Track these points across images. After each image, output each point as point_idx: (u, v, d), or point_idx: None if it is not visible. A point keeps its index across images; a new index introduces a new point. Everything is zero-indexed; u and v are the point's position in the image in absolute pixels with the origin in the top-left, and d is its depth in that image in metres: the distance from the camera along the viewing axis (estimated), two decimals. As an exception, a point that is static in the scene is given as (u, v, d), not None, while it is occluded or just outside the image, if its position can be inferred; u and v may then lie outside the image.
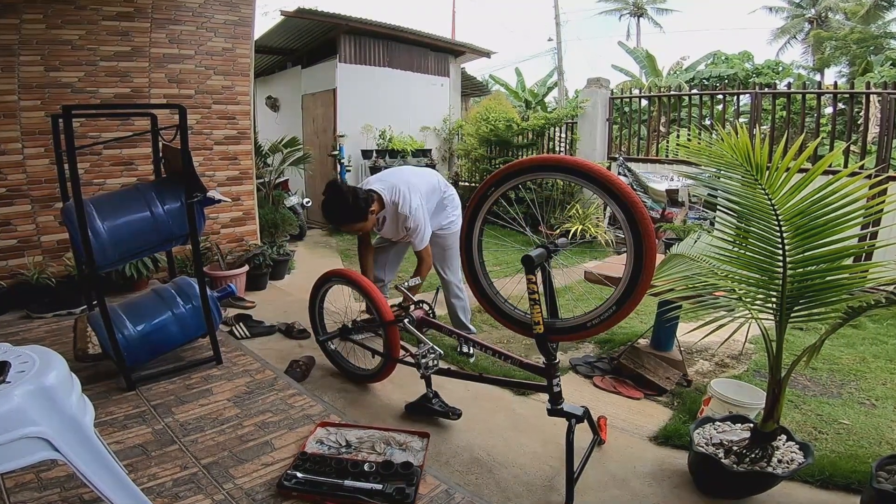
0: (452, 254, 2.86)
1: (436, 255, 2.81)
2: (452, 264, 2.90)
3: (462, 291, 2.89)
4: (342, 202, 2.33)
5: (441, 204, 2.76)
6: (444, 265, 2.90)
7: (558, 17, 15.84)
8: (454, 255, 2.86)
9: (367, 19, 6.95)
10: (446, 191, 2.80)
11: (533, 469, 1.85)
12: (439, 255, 2.84)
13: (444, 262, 2.89)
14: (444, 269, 2.90)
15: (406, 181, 2.53)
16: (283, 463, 1.69)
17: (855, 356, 2.86)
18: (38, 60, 3.21)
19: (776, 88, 5.46)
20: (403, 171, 2.74)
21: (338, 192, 2.35)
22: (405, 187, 2.49)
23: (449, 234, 2.82)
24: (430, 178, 2.75)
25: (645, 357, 2.59)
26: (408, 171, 2.73)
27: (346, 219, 2.39)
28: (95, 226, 2.07)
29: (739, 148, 1.58)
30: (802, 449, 1.72)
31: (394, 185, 2.50)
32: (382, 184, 2.51)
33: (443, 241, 2.83)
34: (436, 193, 2.71)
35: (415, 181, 2.57)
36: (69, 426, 1.08)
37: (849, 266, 1.59)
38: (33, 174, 3.27)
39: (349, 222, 2.41)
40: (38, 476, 1.55)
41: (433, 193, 2.69)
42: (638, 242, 1.51)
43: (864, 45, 12.54)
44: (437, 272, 2.90)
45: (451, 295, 2.92)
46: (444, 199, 2.77)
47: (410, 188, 2.50)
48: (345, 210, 2.34)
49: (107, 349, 2.15)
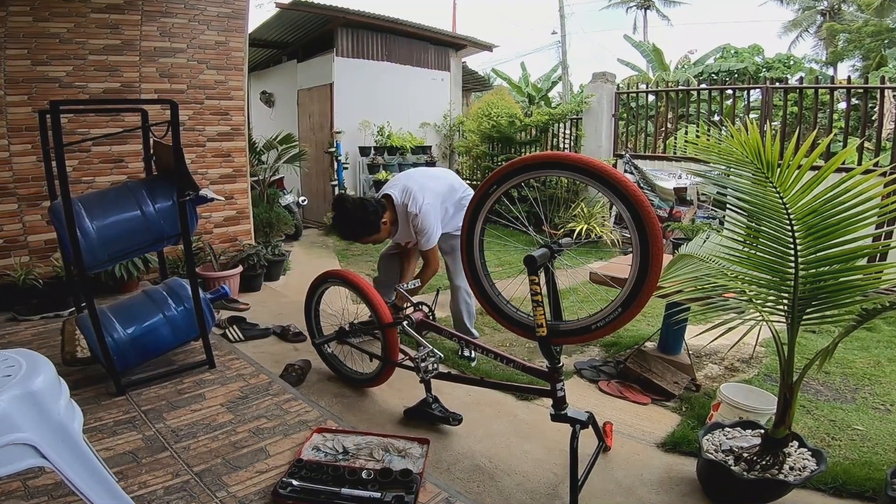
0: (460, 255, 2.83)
1: (449, 258, 2.82)
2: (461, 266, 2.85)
3: (471, 296, 2.79)
4: (351, 217, 2.37)
5: (459, 204, 2.72)
6: (453, 266, 2.83)
7: (562, 9, 15.67)
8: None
9: (364, 12, 6.86)
10: (464, 192, 2.76)
11: (536, 476, 1.82)
12: (452, 257, 2.81)
13: (454, 263, 2.83)
14: (452, 273, 2.84)
15: (419, 183, 2.54)
16: (278, 470, 1.66)
17: (869, 360, 2.82)
18: (25, 54, 3.15)
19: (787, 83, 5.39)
20: (417, 172, 2.76)
21: (344, 207, 2.38)
22: (417, 187, 2.49)
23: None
24: (447, 178, 2.76)
25: (652, 361, 2.56)
26: (421, 173, 2.75)
27: (358, 233, 2.43)
28: (84, 225, 2.03)
29: (750, 144, 1.54)
30: (815, 456, 1.68)
31: (405, 186, 2.51)
32: (394, 188, 2.53)
33: (456, 243, 2.74)
34: (453, 194, 2.70)
35: (430, 184, 2.57)
36: (57, 432, 1.07)
37: (863, 266, 1.57)
38: (20, 172, 3.21)
39: (363, 235, 2.45)
40: (25, 484, 1.52)
41: (450, 194, 2.68)
42: (644, 242, 1.47)
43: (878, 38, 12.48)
44: (447, 275, 2.87)
45: (460, 300, 2.84)
46: (462, 199, 2.73)
47: (423, 189, 2.50)
48: (355, 224, 2.39)
49: (96, 353, 2.11)
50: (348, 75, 6.95)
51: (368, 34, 7.20)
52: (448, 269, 2.85)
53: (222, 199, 3.58)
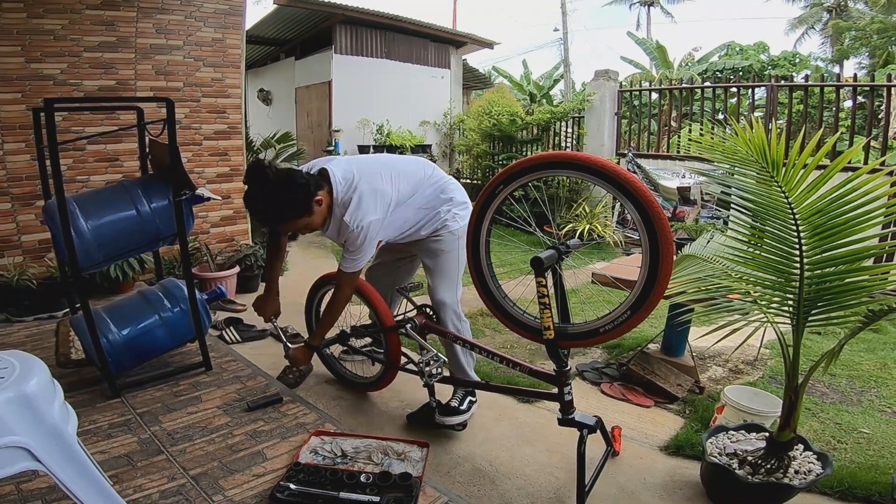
0: (449, 259, 2.08)
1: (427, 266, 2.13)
2: (445, 274, 2.08)
3: (462, 319, 2.12)
4: (273, 190, 1.70)
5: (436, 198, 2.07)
6: (434, 276, 2.09)
7: (565, 5, 15.64)
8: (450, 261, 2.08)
9: (364, 8, 6.84)
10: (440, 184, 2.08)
11: (538, 480, 1.80)
12: (431, 264, 2.11)
13: (434, 272, 2.09)
14: (433, 284, 2.09)
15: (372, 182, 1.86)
16: (275, 474, 1.64)
17: (876, 362, 2.81)
18: (19, 51, 3.11)
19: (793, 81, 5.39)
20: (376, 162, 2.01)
21: (263, 175, 1.71)
22: (367, 188, 1.83)
23: (446, 234, 2.08)
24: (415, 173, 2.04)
25: (655, 363, 2.54)
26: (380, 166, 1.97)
27: (283, 213, 1.76)
28: (79, 225, 2.01)
29: (754, 143, 1.53)
30: (820, 459, 1.67)
31: (354, 179, 1.84)
32: (338, 169, 1.86)
33: (437, 245, 2.10)
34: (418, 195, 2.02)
35: (385, 187, 1.88)
36: (51, 435, 1.06)
37: (869, 267, 1.56)
38: (13, 170, 3.18)
39: (290, 217, 1.78)
40: (19, 487, 1.50)
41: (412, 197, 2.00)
42: (654, 245, 1.44)
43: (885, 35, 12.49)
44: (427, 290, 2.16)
45: (449, 322, 2.05)
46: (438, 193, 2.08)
47: (374, 194, 1.83)
48: (278, 201, 1.71)
49: (90, 354, 2.09)
50: (347, 73, 6.92)
51: (367, 31, 7.17)
52: (428, 282, 2.14)
53: (219, 199, 3.56)
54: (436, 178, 2.10)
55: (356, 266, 1.90)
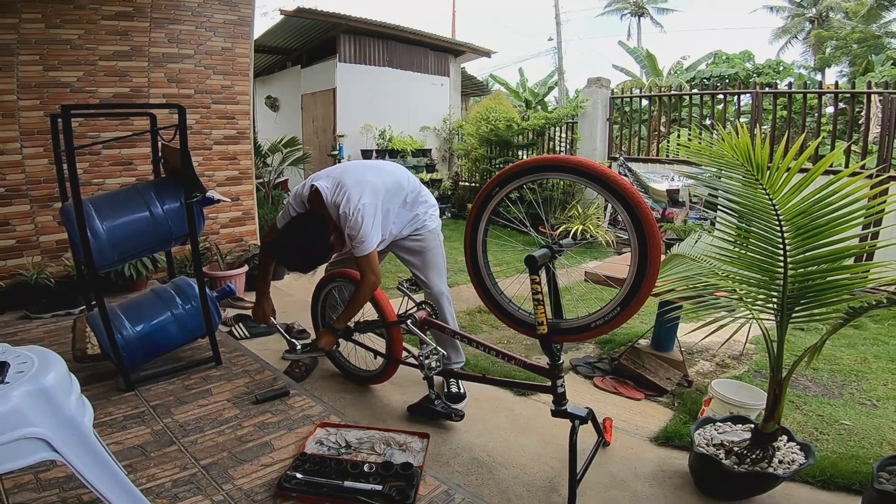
0: (435, 254, 2.36)
1: (414, 265, 2.35)
2: (436, 267, 2.35)
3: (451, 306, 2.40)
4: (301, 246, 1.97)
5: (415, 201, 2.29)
6: (426, 271, 2.33)
7: (559, 16, 15.84)
8: (437, 255, 2.36)
9: (366, 19, 6.96)
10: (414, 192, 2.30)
11: (533, 470, 1.85)
12: (419, 261, 2.34)
13: (425, 267, 2.33)
14: (428, 278, 2.33)
15: (356, 177, 2.07)
16: (282, 464, 1.68)
17: (856, 356, 2.85)
18: (37, 60, 3.20)
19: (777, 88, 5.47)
20: (356, 164, 2.30)
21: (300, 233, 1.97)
22: (352, 182, 2.03)
23: (426, 232, 2.33)
24: (395, 172, 2.25)
25: (645, 357, 2.59)
26: (363, 165, 2.29)
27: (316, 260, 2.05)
28: (94, 226, 2.06)
29: (740, 148, 1.57)
30: (803, 450, 1.71)
31: (339, 181, 2.03)
32: (324, 179, 2.07)
33: (420, 244, 2.33)
34: (399, 193, 2.22)
35: (369, 177, 2.09)
36: (68, 427, 1.08)
37: (850, 266, 1.59)
38: (32, 174, 3.26)
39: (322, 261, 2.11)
40: (37, 477, 1.54)
41: (397, 192, 2.20)
42: (643, 244, 1.50)
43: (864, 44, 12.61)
44: (421, 284, 2.38)
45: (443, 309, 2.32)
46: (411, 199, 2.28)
47: (361, 184, 2.04)
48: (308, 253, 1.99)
49: (106, 350, 2.14)
50: (351, 80, 7.04)
51: (370, 40, 7.29)
52: (420, 279, 2.36)
53: (228, 201, 3.63)
54: (414, 181, 2.34)
55: (367, 248, 2.02)
